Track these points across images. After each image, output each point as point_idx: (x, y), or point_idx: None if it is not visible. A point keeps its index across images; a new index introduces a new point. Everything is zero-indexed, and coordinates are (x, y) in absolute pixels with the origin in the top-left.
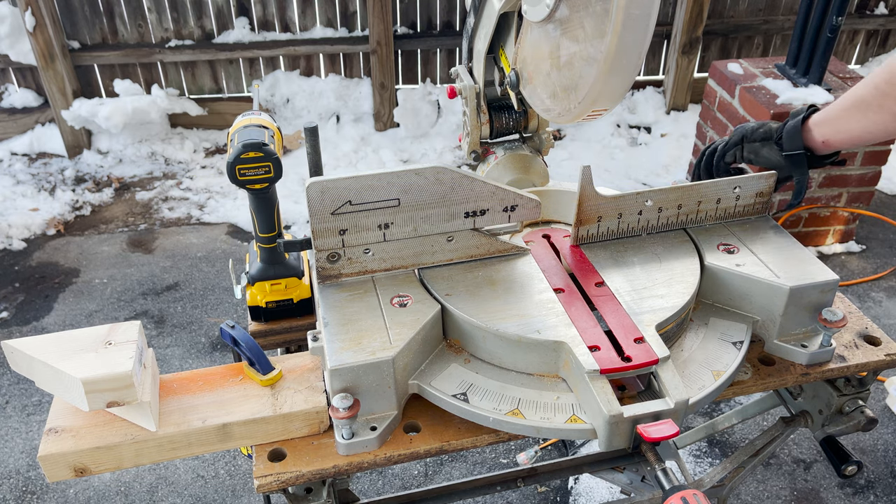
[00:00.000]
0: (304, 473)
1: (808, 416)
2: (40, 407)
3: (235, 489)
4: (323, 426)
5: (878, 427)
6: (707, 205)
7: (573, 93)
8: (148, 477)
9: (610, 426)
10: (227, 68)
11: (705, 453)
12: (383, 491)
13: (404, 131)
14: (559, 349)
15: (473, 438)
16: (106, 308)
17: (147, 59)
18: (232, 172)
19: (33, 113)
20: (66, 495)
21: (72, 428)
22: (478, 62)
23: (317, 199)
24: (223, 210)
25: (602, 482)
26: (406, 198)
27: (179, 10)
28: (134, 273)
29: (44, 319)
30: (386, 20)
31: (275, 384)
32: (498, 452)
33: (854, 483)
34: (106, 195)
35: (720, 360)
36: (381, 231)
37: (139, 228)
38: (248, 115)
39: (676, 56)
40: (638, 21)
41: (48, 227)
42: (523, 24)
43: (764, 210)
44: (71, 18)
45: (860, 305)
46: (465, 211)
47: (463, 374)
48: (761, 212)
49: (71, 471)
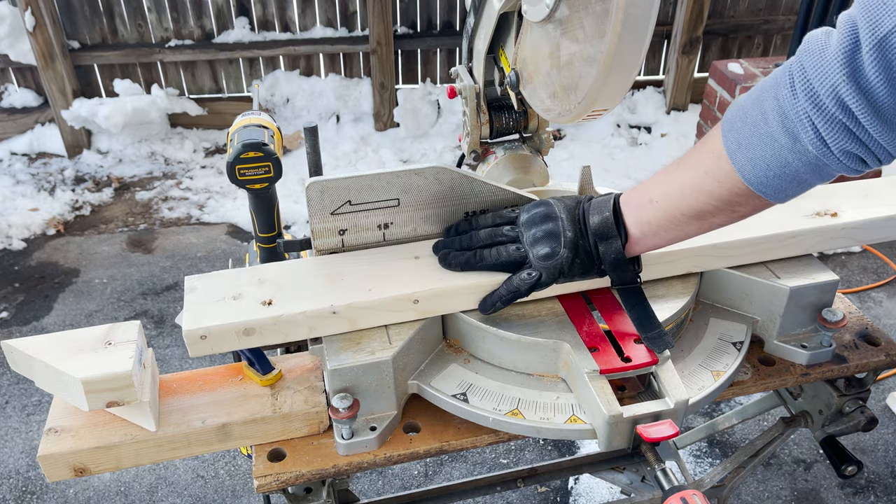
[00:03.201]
0: (303, 473)
1: (808, 417)
2: (40, 407)
3: (235, 489)
4: (323, 426)
5: (878, 427)
6: None
7: (573, 93)
8: (148, 477)
9: (610, 426)
10: (227, 68)
11: (705, 453)
12: (383, 491)
13: (404, 131)
14: (559, 349)
15: (473, 438)
16: (106, 308)
17: (147, 58)
18: (232, 172)
19: (33, 113)
20: (65, 495)
21: (71, 428)
22: (478, 62)
23: (316, 199)
24: (223, 210)
25: (602, 482)
26: (406, 198)
27: (179, 10)
28: (134, 273)
29: (43, 319)
30: (386, 20)
31: (274, 384)
32: (498, 453)
33: (854, 483)
34: (106, 195)
35: (720, 360)
36: (380, 231)
37: (139, 228)
38: (247, 114)
39: (677, 56)
40: (638, 21)
41: (48, 227)
42: (523, 24)
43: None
44: (71, 18)
45: (860, 306)
46: (465, 211)
47: (462, 374)
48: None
49: (70, 471)
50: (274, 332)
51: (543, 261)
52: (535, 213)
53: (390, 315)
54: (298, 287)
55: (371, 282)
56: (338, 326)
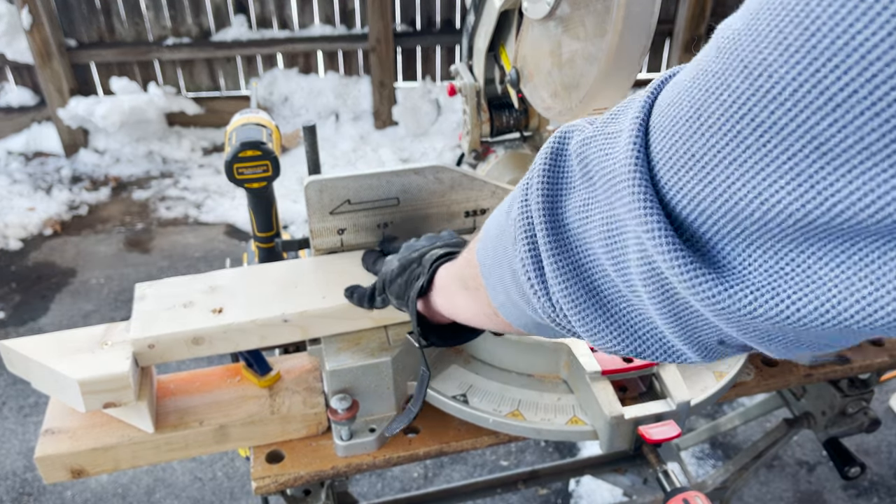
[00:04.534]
0: (302, 475)
1: (811, 418)
2: (37, 408)
3: (233, 491)
4: (321, 427)
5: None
6: None
7: (574, 91)
8: (145, 479)
9: (611, 428)
10: (225, 66)
11: (708, 455)
12: (382, 493)
13: (404, 130)
14: (560, 350)
15: (473, 440)
16: (103, 308)
17: (144, 57)
18: (229, 171)
19: (30, 112)
20: (62, 497)
21: (68, 429)
22: (478, 60)
23: (315, 198)
24: (221, 209)
25: (603, 484)
26: (405, 197)
27: (177, 8)
28: (131, 273)
29: (40, 320)
30: (385, 17)
31: (273, 385)
32: (498, 454)
33: (858, 485)
34: (103, 194)
35: (723, 361)
36: (380, 231)
37: (136, 228)
38: (245, 113)
39: (678, 54)
40: (639, 19)
41: (45, 226)
42: (524, 21)
43: None
44: (68, 16)
45: None
46: (466, 210)
47: (462, 374)
48: None
49: (68, 472)
50: (224, 341)
51: (386, 265)
52: (434, 234)
53: (344, 323)
54: (251, 295)
55: (326, 289)
56: (290, 335)
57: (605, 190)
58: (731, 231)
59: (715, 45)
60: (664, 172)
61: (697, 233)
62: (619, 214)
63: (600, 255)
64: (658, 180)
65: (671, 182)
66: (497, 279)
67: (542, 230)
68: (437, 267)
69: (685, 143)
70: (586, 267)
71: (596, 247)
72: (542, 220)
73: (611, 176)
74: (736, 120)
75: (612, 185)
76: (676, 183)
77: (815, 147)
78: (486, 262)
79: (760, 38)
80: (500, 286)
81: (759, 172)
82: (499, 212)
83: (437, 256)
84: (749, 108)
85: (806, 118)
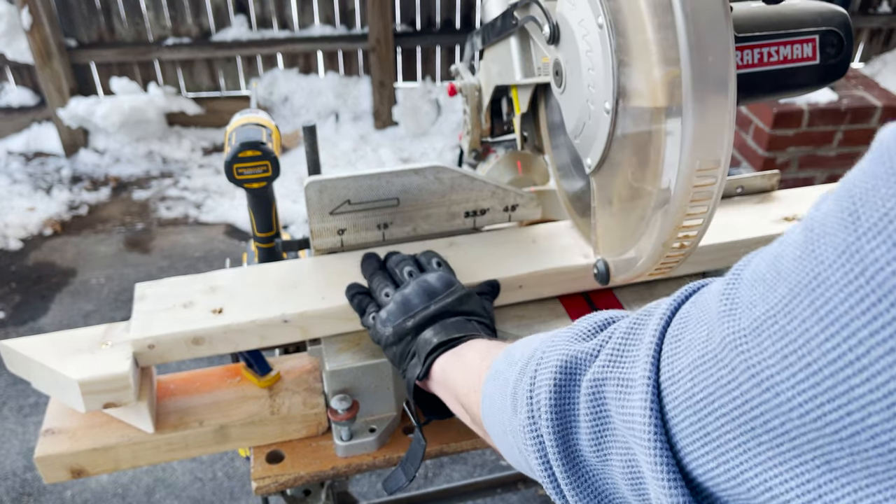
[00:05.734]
0: (302, 475)
1: None
2: (37, 408)
3: (233, 491)
4: (321, 428)
5: None
6: None
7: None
8: (145, 479)
9: None
10: (225, 66)
11: None
12: (382, 493)
13: (404, 130)
14: None
15: (473, 440)
16: (103, 308)
17: (144, 57)
18: (229, 171)
19: (30, 112)
20: (62, 497)
21: (68, 429)
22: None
23: (315, 198)
24: (221, 210)
25: None
26: (405, 197)
27: (177, 8)
28: (131, 273)
29: (40, 320)
30: (385, 17)
31: (273, 385)
32: (498, 455)
33: None
34: (103, 194)
35: None
36: (380, 231)
37: (136, 228)
38: (245, 113)
39: None
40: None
41: (45, 226)
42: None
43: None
44: (68, 16)
45: None
46: (466, 210)
47: None
48: None
49: (68, 472)
50: (224, 342)
51: (380, 324)
52: (434, 276)
53: (343, 324)
54: (251, 295)
55: (326, 289)
56: (290, 336)
57: (623, 433)
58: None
59: (720, 339)
60: (681, 437)
61: (712, 496)
62: (642, 469)
63: (623, 489)
64: (675, 443)
65: (687, 449)
66: (501, 442)
67: (556, 458)
68: (434, 359)
69: (700, 422)
70: (608, 493)
71: (620, 484)
72: (555, 448)
73: (630, 426)
74: (748, 419)
75: (633, 435)
76: (692, 452)
77: (825, 460)
78: (494, 431)
79: (764, 347)
80: (504, 448)
81: (771, 469)
82: (501, 397)
83: (434, 347)
84: (761, 412)
85: (817, 434)
